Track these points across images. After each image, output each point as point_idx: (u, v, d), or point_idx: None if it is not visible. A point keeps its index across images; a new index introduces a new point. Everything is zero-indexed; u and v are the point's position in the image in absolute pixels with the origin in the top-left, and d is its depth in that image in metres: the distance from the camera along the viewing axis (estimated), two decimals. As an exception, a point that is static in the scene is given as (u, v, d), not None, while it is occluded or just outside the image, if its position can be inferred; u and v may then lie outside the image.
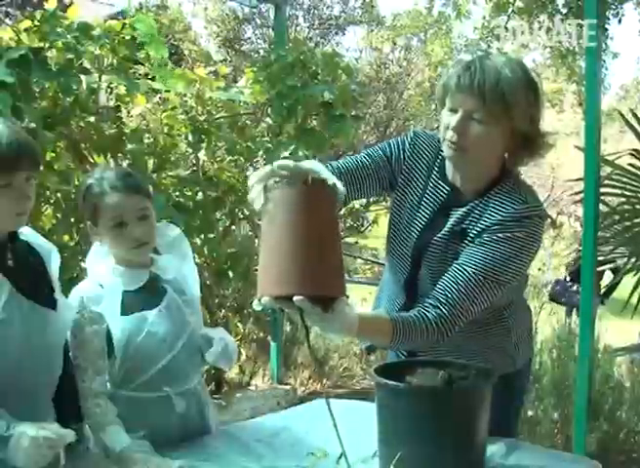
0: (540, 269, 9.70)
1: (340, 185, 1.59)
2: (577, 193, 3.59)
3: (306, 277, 1.50)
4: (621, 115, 3.90)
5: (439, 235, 1.87)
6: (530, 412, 3.78)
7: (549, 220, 17.09)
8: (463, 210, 1.85)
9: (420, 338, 1.71)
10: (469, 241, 1.81)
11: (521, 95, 1.74)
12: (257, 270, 1.60)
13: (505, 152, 1.84)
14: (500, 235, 1.76)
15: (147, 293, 2.01)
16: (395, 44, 13.50)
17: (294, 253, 1.50)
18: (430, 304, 1.74)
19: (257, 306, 1.54)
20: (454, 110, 1.77)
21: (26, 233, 1.79)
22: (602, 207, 3.29)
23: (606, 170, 3.48)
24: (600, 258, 3.43)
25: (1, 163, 1.58)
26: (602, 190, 3.21)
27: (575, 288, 7.36)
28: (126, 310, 1.96)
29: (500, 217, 1.78)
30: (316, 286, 1.51)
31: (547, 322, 5.10)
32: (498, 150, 1.82)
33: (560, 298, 7.67)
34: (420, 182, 1.94)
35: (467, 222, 1.83)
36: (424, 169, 1.94)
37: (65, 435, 1.57)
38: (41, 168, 1.82)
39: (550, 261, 10.36)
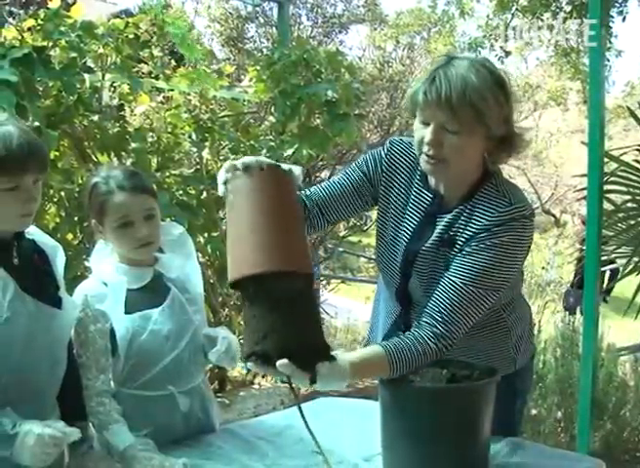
0: (543, 268, 9.69)
1: (296, 170, 1.62)
2: (580, 190, 3.59)
3: (273, 253, 1.50)
4: (630, 110, 3.88)
5: (427, 244, 1.84)
6: (533, 411, 3.78)
7: (553, 219, 17.01)
8: (449, 217, 1.82)
9: (420, 361, 1.68)
10: (458, 249, 1.78)
11: (490, 99, 1.69)
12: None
13: (484, 154, 1.80)
14: (487, 242, 1.73)
15: (151, 292, 2.01)
16: (398, 42, 13.46)
17: (257, 232, 1.52)
18: (425, 323, 1.72)
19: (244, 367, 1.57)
20: (426, 123, 1.74)
21: (32, 232, 1.79)
22: (606, 205, 3.28)
23: (610, 167, 3.47)
24: (603, 258, 3.42)
25: (10, 166, 1.57)
26: (606, 187, 3.20)
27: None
28: (130, 308, 1.96)
29: (486, 223, 1.74)
30: (282, 261, 1.50)
31: (551, 320, 5.09)
32: (477, 156, 1.79)
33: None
34: (401, 191, 1.91)
35: (455, 229, 1.80)
36: (405, 177, 1.91)
37: (71, 433, 1.58)
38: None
39: (554, 260, 10.34)
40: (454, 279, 1.73)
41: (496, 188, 1.80)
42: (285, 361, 1.46)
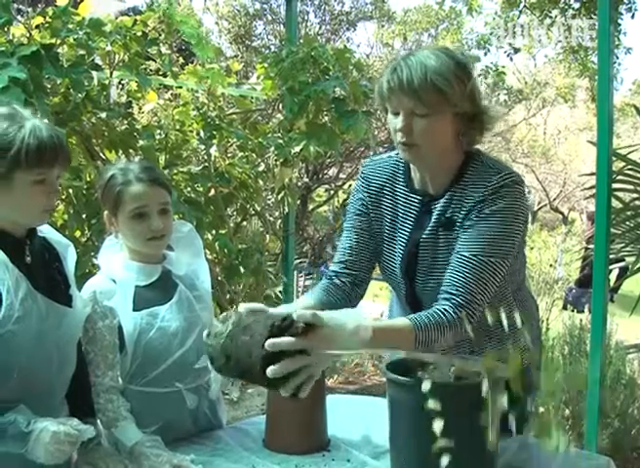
0: (551, 265, 9.66)
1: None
2: (588, 188, 3.57)
3: None
4: (637, 109, 3.86)
5: (427, 231, 1.86)
6: (541, 409, 3.77)
7: (561, 217, 16.96)
8: (443, 201, 1.84)
9: (442, 334, 1.69)
10: (459, 227, 1.81)
11: (452, 78, 1.74)
12: (269, 265, 1.61)
13: (457, 136, 1.83)
14: (486, 211, 1.76)
15: (159, 289, 2.02)
16: (406, 39, 13.47)
17: None
18: (443, 299, 1.74)
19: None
20: (396, 113, 1.78)
21: (43, 229, 1.80)
22: (614, 202, 3.27)
23: (618, 165, 3.45)
24: (611, 256, 3.41)
25: (43, 158, 1.60)
26: (614, 186, 3.19)
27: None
28: (138, 305, 1.96)
29: (480, 195, 1.78)
30: None
31: (559, 318, 5.08)
32: (449, 137, 1.81)
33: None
34: (389, 204, 1.94)
35: (450, 211, 1.83)
36: (387, 190, 1.94)
37: (85, 430, 1.59)
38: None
39: (562, 258, 10.31)
40: (462, 253, 1.76)
41: (481, 164, 1.84)
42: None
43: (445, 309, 1.72)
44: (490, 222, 1.76)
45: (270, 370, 1.42)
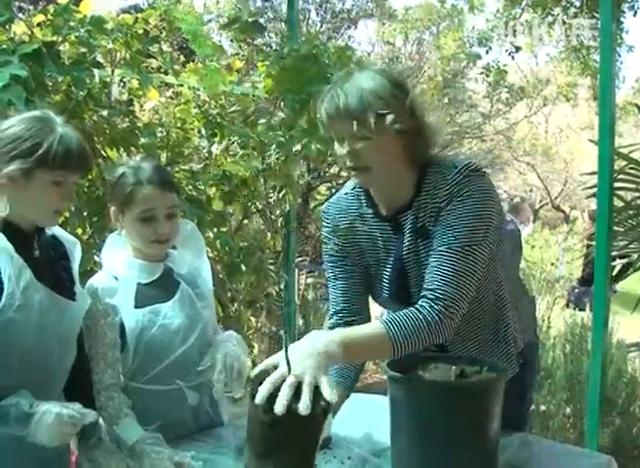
0: (552, 264, 9.66)
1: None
2: (590, 187, 3.57)
3: None
4: (638, 107, 3.86)
5: (405, 244, 1.83)
6: (542, 407, 3.77)
7: (562, 215, 16.92)
8: (411, 212, 1.82)
9: (422, 331, 1.66)
10: (432, 228, 1.78)
11: (388, 97, 1.72)
12: (270, 263, 1.61)
13: (406, 152, 1.80)
14: (454, 203, 1.74)
15: (161, 287, 2.02)
16: (407, 38, 13.45)
17: None
18: (421, 296, 1.72)
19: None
20: (340, 139, 1.77)
21: (52, 227, 1.84)
22: (616, 201, 3.27)
23: (620, 164, 3.45)
24: (613, 253, 3.40)
25: (67, 163, 1.67)
26: (616, 185, 3.19)
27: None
28: (139, 303, 1.97)
29: (444, 193, 1.75)
30: None
31: (560, 316, 5.08)
32: (396, 155, 1.79)
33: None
34: (364, 237, 1.92)
35: (421, 218, 1.81)
36: (359, 224, 1.92)
37: (87, 414, 1.62)
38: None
39: (563, 256, 10.30)
40: (439, 249, 1.73)
41: (437, 167, 1.81)
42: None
43: (421, 306, 1.69)
44: (458, 212, 1.73)
45: (257, 398, 1.40)
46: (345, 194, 1.97)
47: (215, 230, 3.93)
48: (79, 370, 1.84)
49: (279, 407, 1.37)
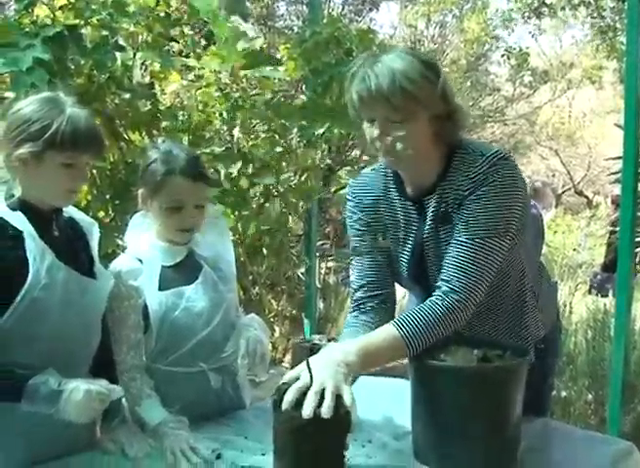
0: (574, 249, 9.60)
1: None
2: (614, 173, 3.53)
3: None
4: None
5: (427, 228, 1.82)
6: (564, 393, 3.75)
7: (585, 200, 16.77)
8: (435, 196, 1.81)
9: (435, 324, 1.67)
10: (455, 215, 1.77)
11: (422, 80, 1.70)
12: (291, 247, 1.62)
13: (436, 136, 1.78)
14: (478, 192, 1.72)
15: (184, 269, 2.03)
16: (430, 20, 13.34)
17: None
18: (437, 287, 1.72)
19: None
20: (371, 121, 1.75)
21: (68, 209, 1.85)
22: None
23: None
24: (637, 239, 3.37)
25: (76, 143, 1.67)
26: (641, 169, 3.15)
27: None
28: (163, 285, 1.97)
29: (470, 181, 1.74)
30: None
31: (582, 302, 5.04)
32: (427, 139, 1.77)
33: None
34: (388, 216, 1.91)
35: (445, 203, 1.79)
36: (383, 202, 1.91)
37: (115, 390, 1.64)
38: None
39: (585, 241, 10.23)
40: (460, 238, 1.73)
41: (465, 152, 1.79)
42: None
43: (433, 302, 1.69)
44: (485, 201, 1.72)
45: (284, 404, 1.46)
46: (374, 170, 1.96)
47: (236, 213, 3.94)
48: (103, 350, 1.85)
49: (307, 410, 1.43)
